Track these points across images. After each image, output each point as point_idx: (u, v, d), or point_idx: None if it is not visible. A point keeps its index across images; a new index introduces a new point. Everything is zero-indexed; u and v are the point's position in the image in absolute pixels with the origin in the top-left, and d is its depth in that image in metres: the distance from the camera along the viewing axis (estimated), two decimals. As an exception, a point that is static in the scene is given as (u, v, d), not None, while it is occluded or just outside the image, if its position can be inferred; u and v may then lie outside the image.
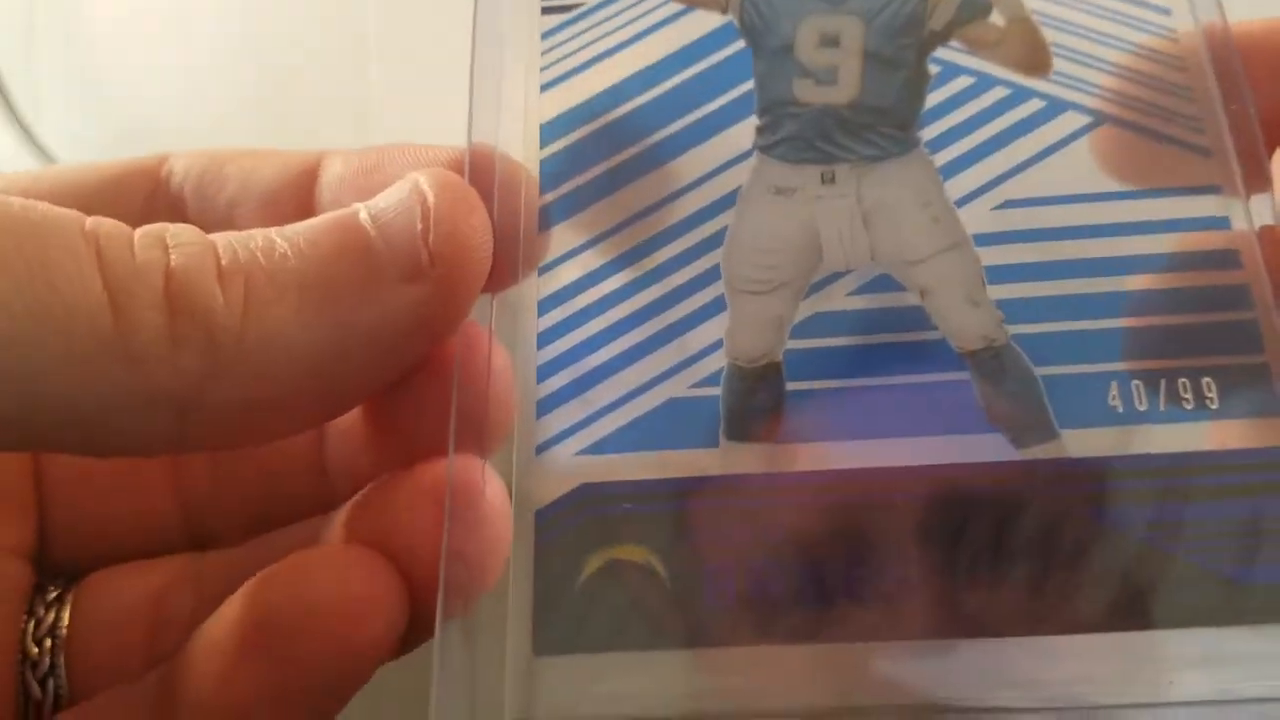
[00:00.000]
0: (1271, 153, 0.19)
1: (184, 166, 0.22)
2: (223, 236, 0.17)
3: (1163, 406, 0.18)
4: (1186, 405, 0.18)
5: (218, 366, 0.16)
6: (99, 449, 0.16)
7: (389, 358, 0.17)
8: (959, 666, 0.16)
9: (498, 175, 0.19)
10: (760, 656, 0.17)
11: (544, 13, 0.21)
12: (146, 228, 0.16)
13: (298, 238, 0.17)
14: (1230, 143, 0.19)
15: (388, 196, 0.18)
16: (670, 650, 0.17)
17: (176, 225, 0.17)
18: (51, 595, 0.20)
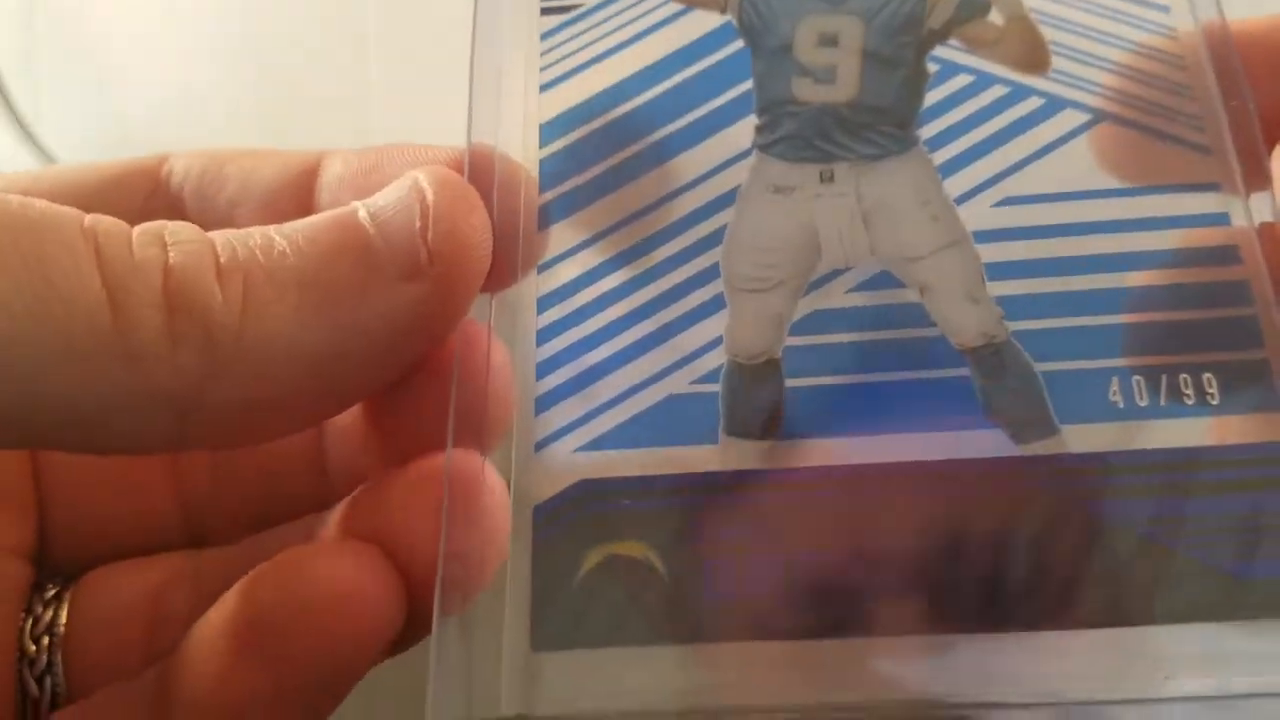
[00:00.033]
0: (1271, 150, 0.19)
1: (184, 166, 0.22)
2: (221, 234, 0.17)
3: (1163, 402, 0.18)
4: (1187, 401, 0.18)
5: (216, 364, 0.16)
6: (98, 447, 0.16)
7: (388, 356, 0.17)
8: (958, 662, 0.16)
9: (497, 174, 0.19)
10: (758, 652, 0.17)
11: (544, 13, 0.21)
12: (145, 225, 0.16)
13: (296, 235, 0.17)
14: (1230, 140, 0.19)
15: (387, 195, 0.18)
16: (669, 646, 0.17)
17: (175, 223, 0.17)
18: (50, 593, 0.20)
